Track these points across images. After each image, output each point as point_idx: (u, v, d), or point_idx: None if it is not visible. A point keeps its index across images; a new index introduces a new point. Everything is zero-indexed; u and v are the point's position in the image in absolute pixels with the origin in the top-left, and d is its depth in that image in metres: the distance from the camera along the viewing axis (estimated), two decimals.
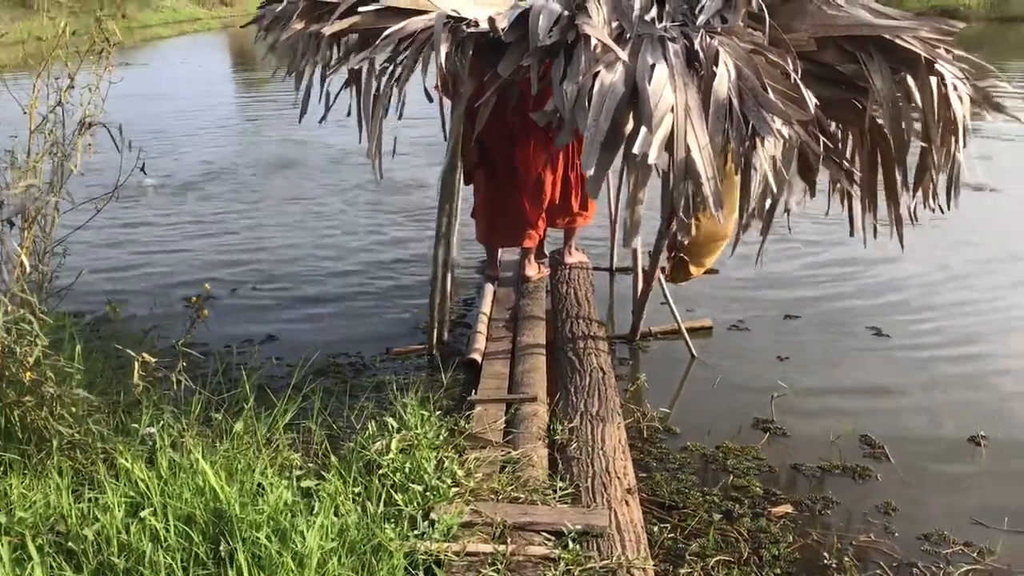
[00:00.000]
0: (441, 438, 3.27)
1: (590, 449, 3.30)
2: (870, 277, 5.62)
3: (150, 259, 6.19)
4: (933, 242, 6.06)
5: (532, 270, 5.25)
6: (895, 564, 2.98)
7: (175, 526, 2.55)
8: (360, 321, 5.06)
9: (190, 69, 19.14)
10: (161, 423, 3.04)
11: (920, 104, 3.28)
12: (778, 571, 2.93)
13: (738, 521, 3.18)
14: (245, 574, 2.36)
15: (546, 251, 5.55)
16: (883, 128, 3.39)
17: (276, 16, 3.80)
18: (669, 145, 2.88)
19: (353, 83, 3.69)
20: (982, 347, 4.64)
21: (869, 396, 4.16)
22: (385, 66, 3.52)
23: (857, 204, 3.74)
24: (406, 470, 2.99)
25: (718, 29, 3.16)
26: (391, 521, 2.73)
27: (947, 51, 3.31)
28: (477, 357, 4.32)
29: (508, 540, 2.70)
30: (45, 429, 2.90)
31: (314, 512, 2.63)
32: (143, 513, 2.58)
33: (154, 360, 3.02)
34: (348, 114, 3.73)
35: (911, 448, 3.69)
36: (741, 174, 3.02)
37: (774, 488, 3.40)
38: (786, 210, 3.40)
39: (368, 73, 3.50)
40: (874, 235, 3.78)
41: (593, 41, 3.07)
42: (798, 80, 3.04)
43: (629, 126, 2.93)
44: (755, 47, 3.10)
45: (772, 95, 2.93)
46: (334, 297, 5.44)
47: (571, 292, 4.94)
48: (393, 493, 2.88)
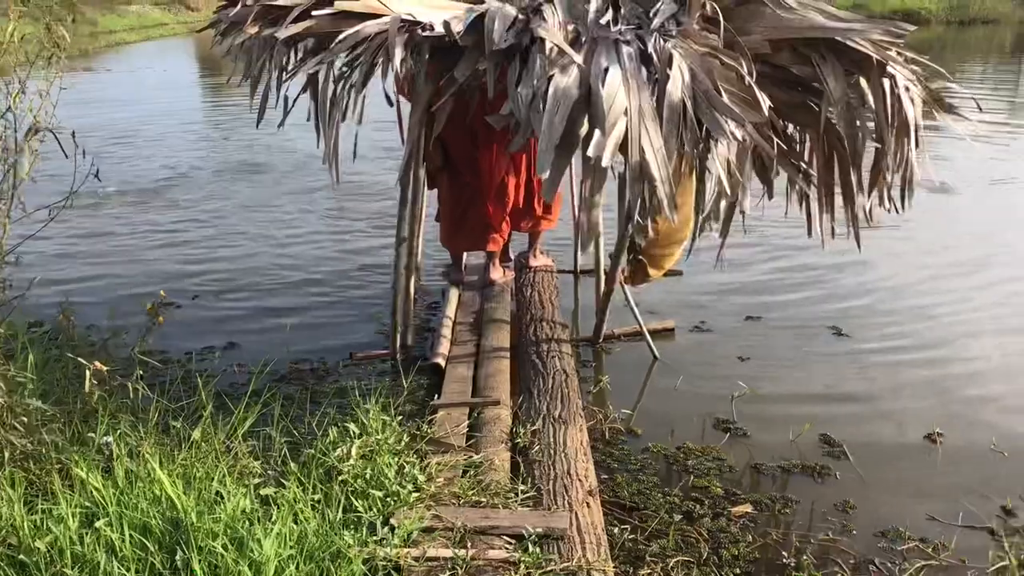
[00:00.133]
0: (403, 443, 3.25)
1: (552, 452, 3.30)
2: (832, 280, 5.67)
3: (110, 269, 6.09)
4: (899, 246, 6.14)
5: (497, 274, 5.25)
6: (852, 562, 3.01)
7: (131, 536, 2.51)
8: (323, 329, 5.02)
9: (156, 74, 18.94)
10: (118, 432, 3.01)
11: (873, 105, 3.32)
12: (737, 571, 2.95)
13: (698, 521, 3.20)
14: None
15: (511, 254, 5.56)
16: (839, 130, 3.43)
17: (232, 21, 3.78)
18: (624, 148, 2.89)
19: (311, 88, 3.67)
20: (945, 351, 4.68)
21: (829, 397, 4.20)
22: (343, 71, 3.51)
23: (815, 205, 3.78)
24: (367, 476, 2.98)
25: (672, 32, 3.17)
26: (350, 527, 2.72)
27: (899, 53, 3.36)
28: (441, 361, 4.31)
29: (469, 544, 2.70)
30: None
31: (272, 520, 2.61)
32: (98, 524, 2.55)
33: (107, 368, 2.99)
34: (308, 119, 3.71)
35: (870, 447, 3.73)
36: (696, 177, 3.05)
37: (734, 488, 3.43)
38: (741, 212, 3.42)
39: (325, 78, 3.49)
40: (832, 236, 3.82)
41: (548, 44, 3.06)
42: (752, 82, 3.06)
43: (584, 129, 2.94)
44: (709, 50, 3.13)
45: (726, 97, 2.95)
46: (296, 306, 5.39)
47: (535, 295, 4.94)
48: (353, 499, 2.86)
